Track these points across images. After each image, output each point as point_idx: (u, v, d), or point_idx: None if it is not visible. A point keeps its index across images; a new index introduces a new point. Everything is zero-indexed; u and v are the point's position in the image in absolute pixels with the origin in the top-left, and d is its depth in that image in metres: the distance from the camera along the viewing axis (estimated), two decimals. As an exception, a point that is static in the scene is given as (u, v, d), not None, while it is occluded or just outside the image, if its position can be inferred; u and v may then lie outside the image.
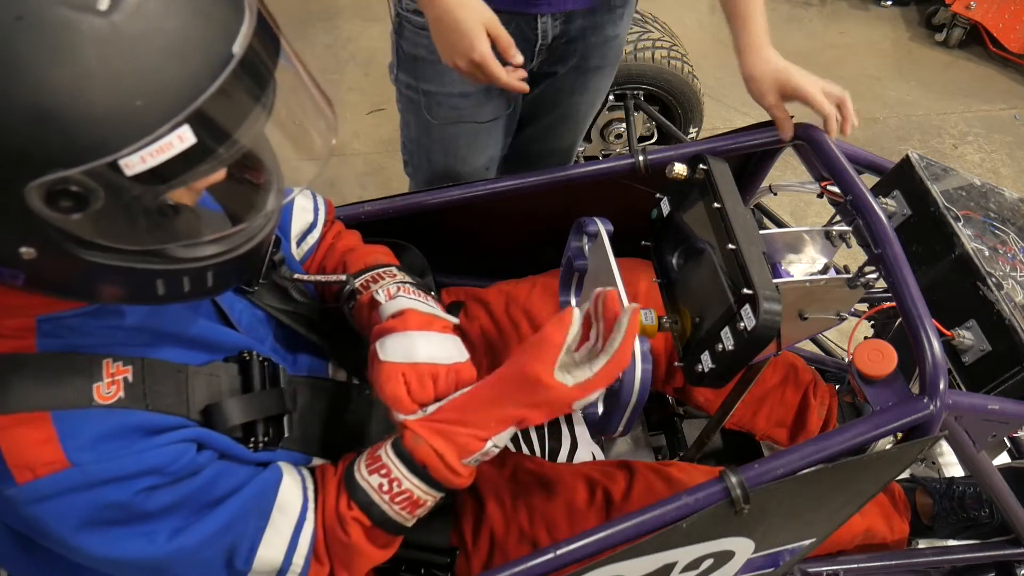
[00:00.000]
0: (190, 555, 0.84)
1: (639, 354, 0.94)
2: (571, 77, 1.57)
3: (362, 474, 0.92)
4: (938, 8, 3.52)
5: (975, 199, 1.30)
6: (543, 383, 0.86)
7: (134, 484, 0.79)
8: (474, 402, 0.91)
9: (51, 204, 0.62)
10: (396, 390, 0.92)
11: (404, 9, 1.40)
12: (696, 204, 1.07)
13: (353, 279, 1.10)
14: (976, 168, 3.05)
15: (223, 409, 0.86)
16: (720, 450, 1.59)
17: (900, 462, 1.10)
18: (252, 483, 0.88)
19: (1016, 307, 1.13)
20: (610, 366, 0.86)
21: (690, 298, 1.07)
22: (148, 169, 0.63)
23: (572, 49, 1.50)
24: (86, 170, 0.61)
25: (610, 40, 1.53)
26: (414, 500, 0.91)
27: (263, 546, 0.88)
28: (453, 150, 1.56)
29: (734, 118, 3.09)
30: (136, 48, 0.61)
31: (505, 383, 0.90)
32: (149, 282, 0.72)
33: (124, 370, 0.80)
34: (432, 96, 1.47)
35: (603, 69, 1.60)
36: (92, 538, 0.79)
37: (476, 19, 1.18)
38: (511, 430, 0.90)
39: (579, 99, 1.64)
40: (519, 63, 1.23)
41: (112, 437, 0.78)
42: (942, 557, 1.43)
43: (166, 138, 0.63)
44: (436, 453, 0.88)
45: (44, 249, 0.66)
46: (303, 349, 1.06)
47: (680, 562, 1.03)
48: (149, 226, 0.70)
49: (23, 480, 0.75)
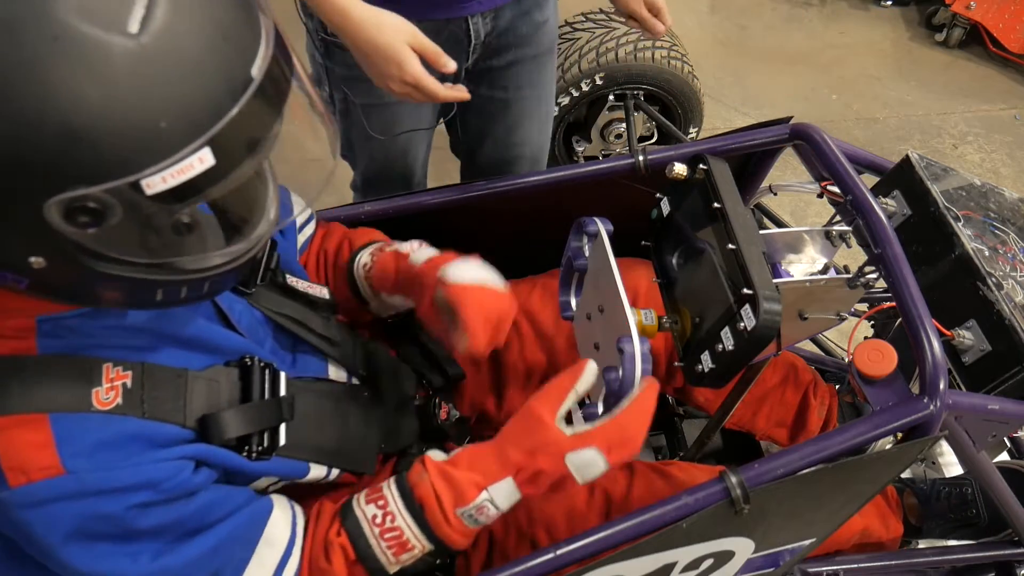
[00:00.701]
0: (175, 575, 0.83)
1: (639, 354, 0.94)
2: (512, 72, 1.56)
3: (360, 503, 0.93)
4: (938, 8, 3.52)
5: (975, 199, 1.30)
6: (543, 422, 0.89)
7: (128, 498, 0.78)
8: (482, 448, 0.93)
9: (68, 219, 0.63)
10: (480, 309, 0.99)
11: (329, 35, 1.38)
12: (696, 204, 1.07)
13: (362, 249, 1.17)
14: (976, 168, 3.05)
15: (220, 421, 0.86)
16: (720, 450, 1.59)
17: (900, 462, 1.10)
18: (243, 511, 0.88)
19: (1016, 307, 1.13)
20: (610, 426, 0.89)
21: (690, 298, 1.07)
22: (168, 189, 0.64)
23: (505, 42, 1.49)
24: (107, 188, 0.62)
25: (540, 25, 1.52)
26: (402, 541, 0.91)
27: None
28: (391, 154, 1.58)
29: (734, 118, 3.10)
30: (163, 70, 0.62)
31: (510, 424, 0.92)
32: (150, 290, 0.73)
33: (123, 375, 0.80)
34: (369, 108, 1.48)
35: (541, 57, 1.58)
36: (77, 550, 0.78)
37: (398, 40, 1.14)
38: (509, 485, 0.90)
39: (527, 94, 1.62)
40: (452, 69, 1.20)
41: (109, 446, 0.77)
42: (941, 557, 1.43)
43: (188, 160, 0.64)
44: (435, 493, 0.90)
45: (54, 259, 0.67)
46: (302, 350, 1.06)
47: (680, 562, 1.03)
48: (161, 241, 0.71)
49: (16, 483, 0.74)
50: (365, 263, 1.17)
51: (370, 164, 1.62)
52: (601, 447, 0.88)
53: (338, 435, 1.03)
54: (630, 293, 0.98)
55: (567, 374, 0.92)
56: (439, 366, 1.28)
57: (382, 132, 1.51)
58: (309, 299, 1.08)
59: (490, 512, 0.91)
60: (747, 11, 3.62)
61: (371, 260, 1.16)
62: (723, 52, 3.40)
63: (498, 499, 0.91)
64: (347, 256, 1.19)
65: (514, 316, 1.03)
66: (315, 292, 1.09)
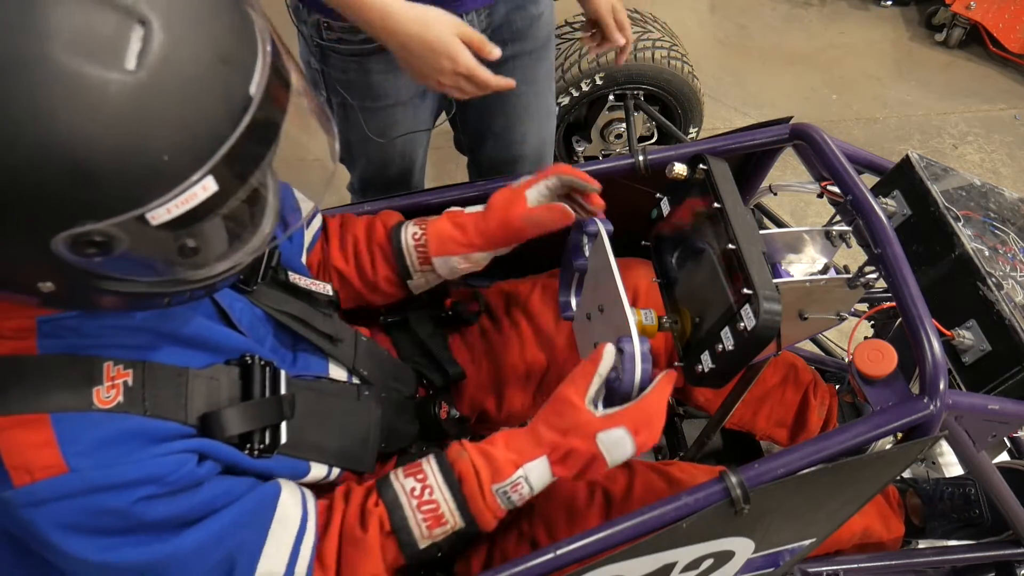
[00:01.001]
0: (185, 559, 0.83)
1: (639, 354, 0.94)
2: (508, 69, 1.54)
3: (398, 477, 0.95)
4: (938, 8, 3.52)
5: (975, 199, 1.30)
6: (574, 405, 0.93)
7: (133, 492, 0.78)
8: (517, 431, 0.97)
9: (75, 251, 0.64)
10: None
11: (325, 40, 1.37)
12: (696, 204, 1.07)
13: (400, 225, 1.20)
14: (976, 168, 3.05)
15: (221, 418, 0.86)
16: (720, 450, 1.59)
17: (900, 462, 1.10)
18: (251, 494, 0.88)
19: (1016, 307, 1.13)
20: (635, 408, 0.93)
21: (690, 298, 1.07)
22: (173, 218, 0.65)
23: (500, 38, 1.48)
24: (114, 223, 0.63)
25: (535, 19, 1.52)
26: (438, 515, 0.92)
27: (264, 559, 0.88)
28: (388, 155, 1.57)
29: (734, 118, 3.10)
30: (163, 103, 0.62)
31: (542, 411, 0.96)
32: (158, 297, 0.75)
33: (124, 374, 0.80)
34: (368, 110, 1.47)
35: (537, 52, 1.57)
36: (86, 544, 0.78)
37: (447, 33, 1.13)
38: (543, 463, 0.93)
39: (525, 90, 1.60)
40: (497, 56, 1.20)
41: (111, 443, 0.78)
42: (942, 557, 1.43)
43: (192, 189, 0.64)
44: (474, 468, 0.93)
45: (63, 284, 0.68)
46: (303, 348, 1.06)
47: (680, 562, 1.03)
48: (167, 262, 0.72)
49: (20, 483, 0.75)
50: (414, 232, 1.18)
51: (368, 166, 1.62)
52: (629, 427, 0.92)
53: (338, 434, 1.03)
54: (630, 293, 0.98)
55: (589, 361, 0.95)
56: (439, 366, 1.28)
57: (380, 135, 1.51)
58: (311, 296, 1.08)
59: (523, 491, 0.94)
60: (747, 11, 3.62)
61: (420, 229, 1.18)
62: (723, 52, 3.40)
63: (532, 477, 0.94)
64: (383, 234, 1.20)
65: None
66: (317, 289, 1.09)
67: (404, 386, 1.21)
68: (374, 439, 1.08)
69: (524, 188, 1.15)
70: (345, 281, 1.21)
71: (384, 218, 1.23)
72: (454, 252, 1.17)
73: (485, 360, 1.33)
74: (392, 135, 1.52)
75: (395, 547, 0.93)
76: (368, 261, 1.20)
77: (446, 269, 1.19)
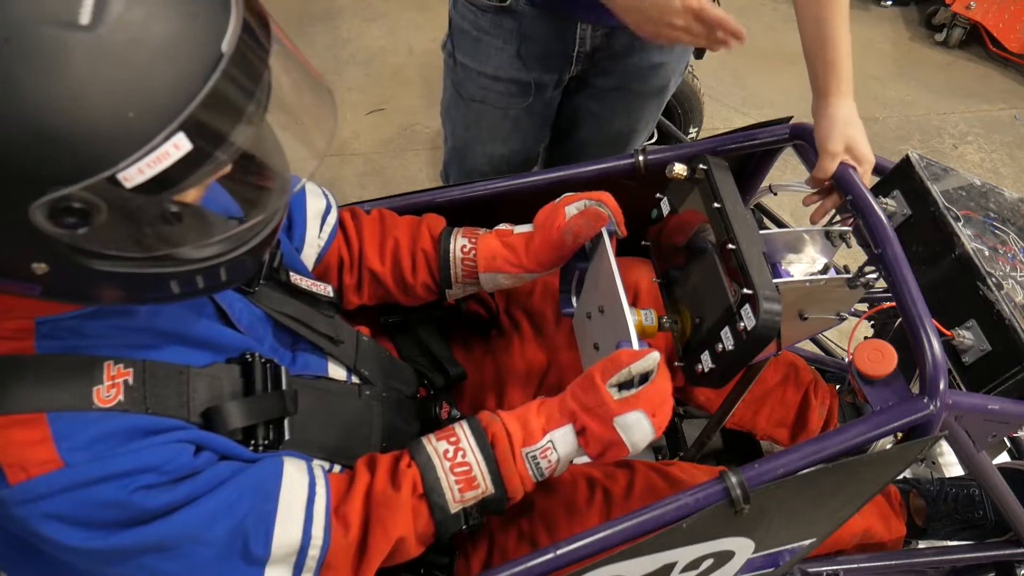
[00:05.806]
0: (195, 531, 0.82)
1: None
2: (612, 97, 1.56)
3: (430, 441, 0.96)
4: (938, 8, 3.52)
5: (975, 199, 1.30)
6: (595, 383, 0.94)
7: (129, 482, 0.77)
8: (551, 399, 0.99)
9: (55, 221, 0.63)
10: None
11: None
12: (696, 204, 1.07)
13: (446, 234, 1.20)
14: (976, 168, 3.05)
15: (223, 412, 0.86)
16: (720, 450, 1.59)
17: (900, 462, 1.10)
18: (255, 466, 0.87)
19: (1016, 307, 1.13)
20: (650, 389, 0.94)
21: (690, 298, 1.07)
22: (147, 179, 0.63)
23: (613, 67, 1.49)
24: (86, 186, 0.62)
25: (655, 67, 1.51)
26: (470, 477, 0.93)
27: (279, 525, 0.86)
28: (475, 129, 1.60)
29: (734, 118, 3.10)
30: (123, 59, 0.61)
31: (572, 385, 0.98)
32: (164, 283, 0.72)
33: (125, 373, 0.79)
34: (467, 70, 1.50)
35: (644, 96, 1.58)
36: (87, 535, 0.77)
37: None
38: (569, 431, 0.95)
39: (619, 122, 1.62)
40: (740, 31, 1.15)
41: (108, 438, 0.77)
42: (942, 557, 1.43)
43: (162, 147, 0.62)
44: (506, 431, 0.95)
45: (55, 263, 0.66)
46: (302, 348, 1.06)
47: (680, 562, 1.03)
48: (155, 233, 0.69)
49: (16, 480, 0.74)
50: (463, 245, 1.18)
51: (453, 139, 1.66)
52: (646, 409, 0.93)
53: (340, 433, 1.03)
54: (630, 293, 0.99)
55: (632, 352, 0.95)
56: (440, 366, 1.28)
57: (468, 99, 1.54)
58: (313, 297, 1.08)
59: (551, 457, 0.95)
60: (747, 11, 3.62)
61: (470, 243, 1.18)
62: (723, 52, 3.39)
63: (558, 444, 0.95)
64: (429, 240, 1.20)
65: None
66: (318, 290, 1.09)
67: (405, 386, 1.21)
68: (375, 439, 1.08)
69: (564, 204, 1.16)
70: (378, 281, 1.21)
71: (430, 223, 1.22)
72: (502, 270, 1.17)
73: (486, 360, 1.33)
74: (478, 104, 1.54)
75: (426, 512, 0.92)
76: (409, 266, 1.20)
77: (491, 284, 1.20)
